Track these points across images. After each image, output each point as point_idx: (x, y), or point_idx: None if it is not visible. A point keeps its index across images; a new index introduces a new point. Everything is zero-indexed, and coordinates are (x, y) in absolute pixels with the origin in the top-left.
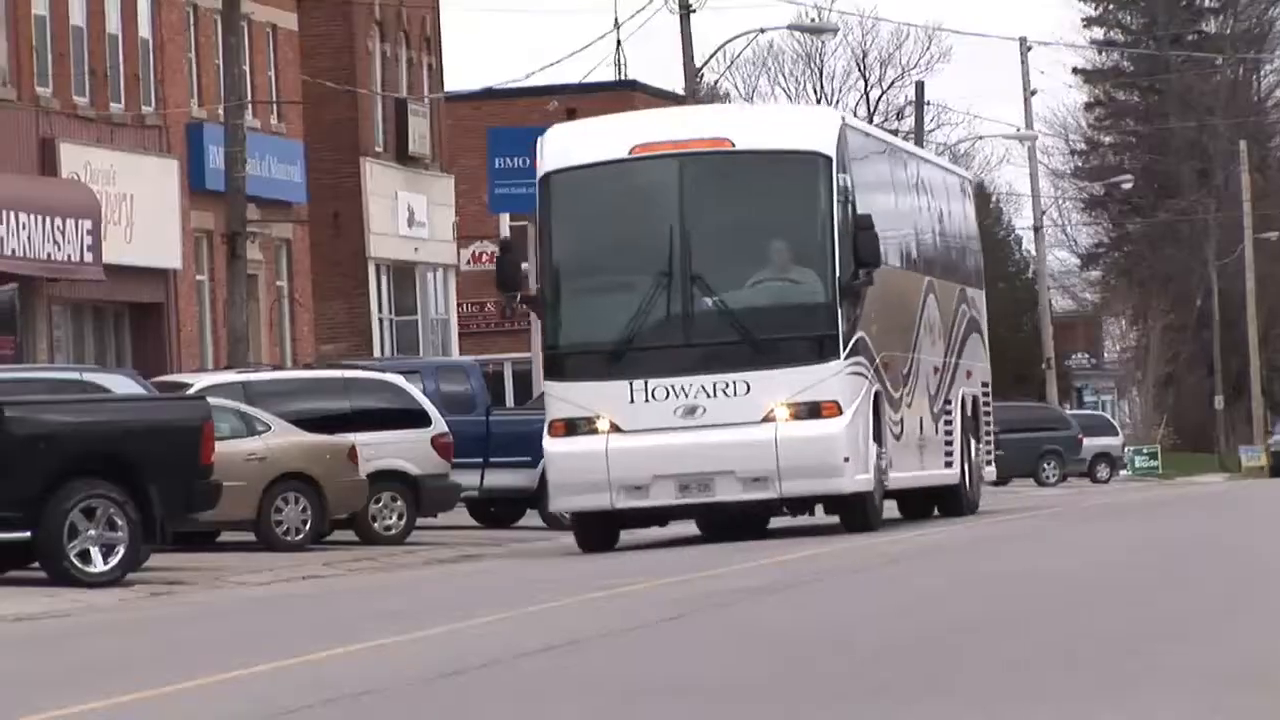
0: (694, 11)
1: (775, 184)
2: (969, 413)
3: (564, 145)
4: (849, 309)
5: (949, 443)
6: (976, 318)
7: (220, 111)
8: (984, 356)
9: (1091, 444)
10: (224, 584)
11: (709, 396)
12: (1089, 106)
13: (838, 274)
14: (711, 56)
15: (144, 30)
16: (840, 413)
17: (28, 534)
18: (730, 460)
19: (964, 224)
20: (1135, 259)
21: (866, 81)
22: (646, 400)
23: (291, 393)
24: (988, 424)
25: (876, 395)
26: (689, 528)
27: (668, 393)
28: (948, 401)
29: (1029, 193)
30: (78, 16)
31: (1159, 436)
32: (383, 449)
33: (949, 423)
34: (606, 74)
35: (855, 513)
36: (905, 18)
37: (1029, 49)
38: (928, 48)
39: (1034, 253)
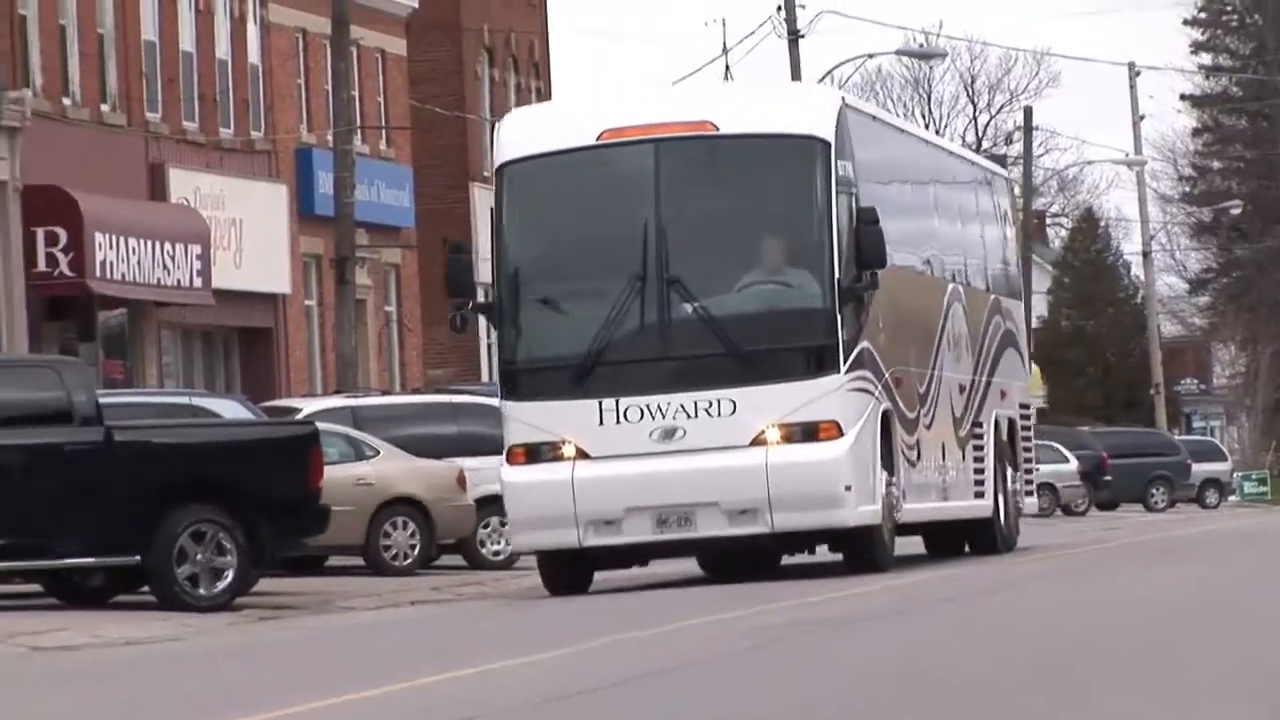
0: (802, 37)
1: (765, 173)
2: (1004, 437)
3: (523, 132)
4: (851, 316)
5: (979, 471)
6: (1014, 331)
7: (329, 137)
8: (1023, 375)
9: (1200, 469)
10: (332, 609)
11: (689, 417)
12: (1197, 132)
13: (837, 276)
14: (820, 80)
15: (253, 56)
16: (841, 434)
17: (137, 558)
18: (714, 490)
19: (999, 226)
20: (1244, 284)
21: (975, 107)
22: (618, 422)
23: (400, 418)
24: (1028, 450)
25: (886, 415)
26: (686, 566)
27: (642, 413)
28: (977, 424)
29: (1137, 218)
30: (187, 42)
31: (1268, 462)
32: (491, 474)
33: (979, 448)
34: None
35: (860, 550)
36: (1014, 43)
37: (1138, 74)
38: (1036, 73)
39: (1143, 278)
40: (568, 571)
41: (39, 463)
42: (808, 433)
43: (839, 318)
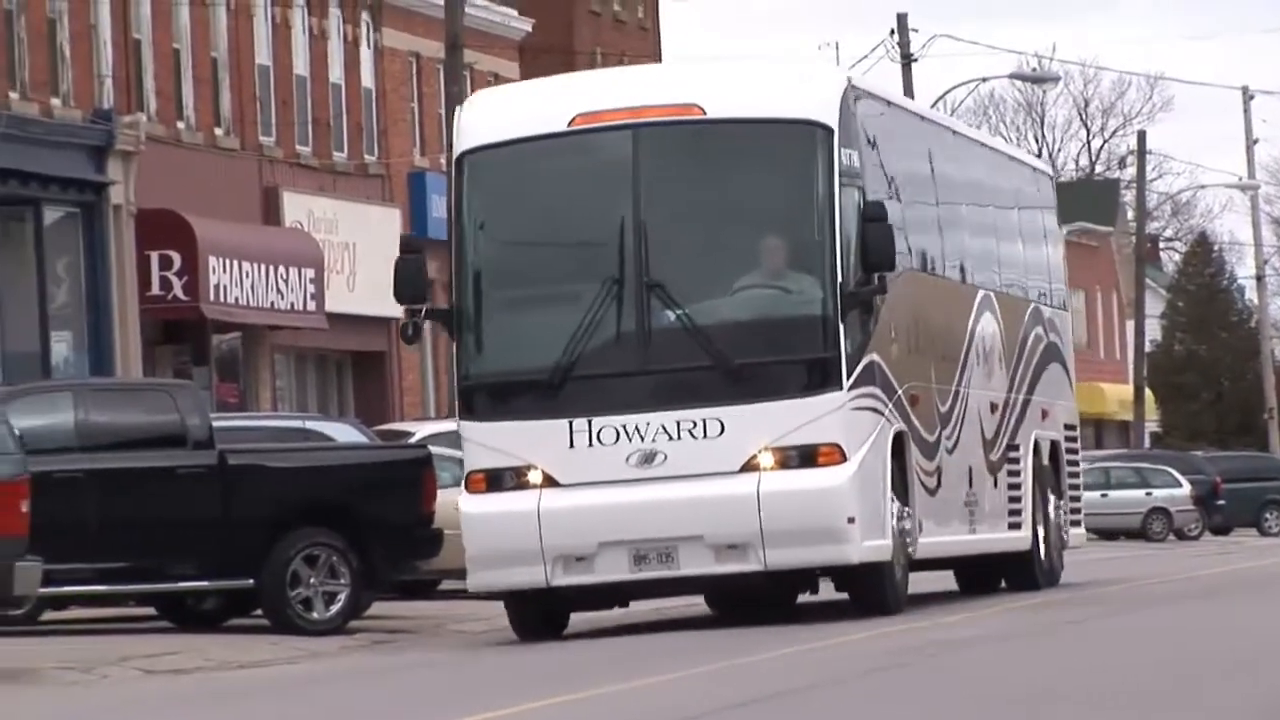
0: (915, 60)
1: (758, 162)
2: (1045, 461)
3: (486, 116)
4: (855, 325)
5: (1015, 499)
6: (1058, 344)
7: (442, 160)
8: (1068, 392)
9: None
10: (445, 633)
11: (671, 439)
12: None
13: (839, 280)
14: (933, 105)
15: (366, 80)
16: (843, 459)
17: (250, 582)
18: (699, 522)
19: (1042, 229)
20: None
21: (1088, 131)
22: (590, 444)
23: None
24: (1074, 475)
25: (899, 437)
26: (691, 604)
27: (618, 435)
28: (1012, 447)
29: (1251, 242)
30: (301, 66)
31: None
32: None
33: (1015, 474)
34: None
35: (867, 590)
36: (1127, 67)
37: (1251, 98)
38: (1149, 97)
39: (1256, 302)
40: (538, 614)
41: (153, 486)
42: (805, 457)
43: (841, 327)
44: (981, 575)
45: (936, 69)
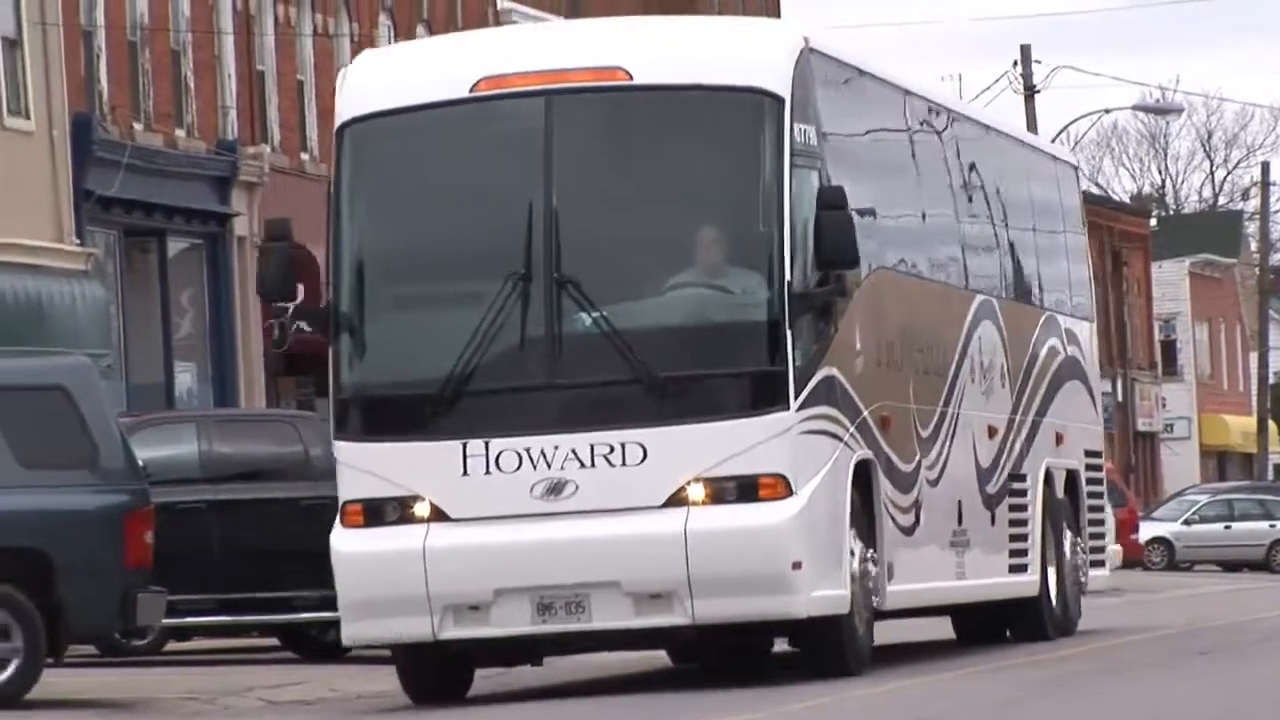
0: (1038, 92)
1: (694, 139)
2: (1059, 493)
3: (374, 80)
4: (807, 332)
5: (1019, 537)
6: (1078, 359)
7: None
8: (1091, 413)
9: None
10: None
11: (584, 467)
12: None
13: (788, 279)
14: (1056, 137)
15: None
16: (789, 492)
17: None
18: (615, 566)
19: (1062, 227)
20: None
21: (1211, 162)
22: (488, 472)
23: None
24: (1098, 509)
25: (863, 466)
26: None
27: (520, 460)
28: (1016, 478)
29: None
30: None
31: None
32: None
33: (1019, 508)
34: None
35: (820, 648)
36: (1250, 97)
37: None
38: (1274, 127)
39: None
40: (433, 671)
41: (277, 517)
42: (743, 490)
43: (789, 334)
44: (983, 623)
45: (1059, 101)
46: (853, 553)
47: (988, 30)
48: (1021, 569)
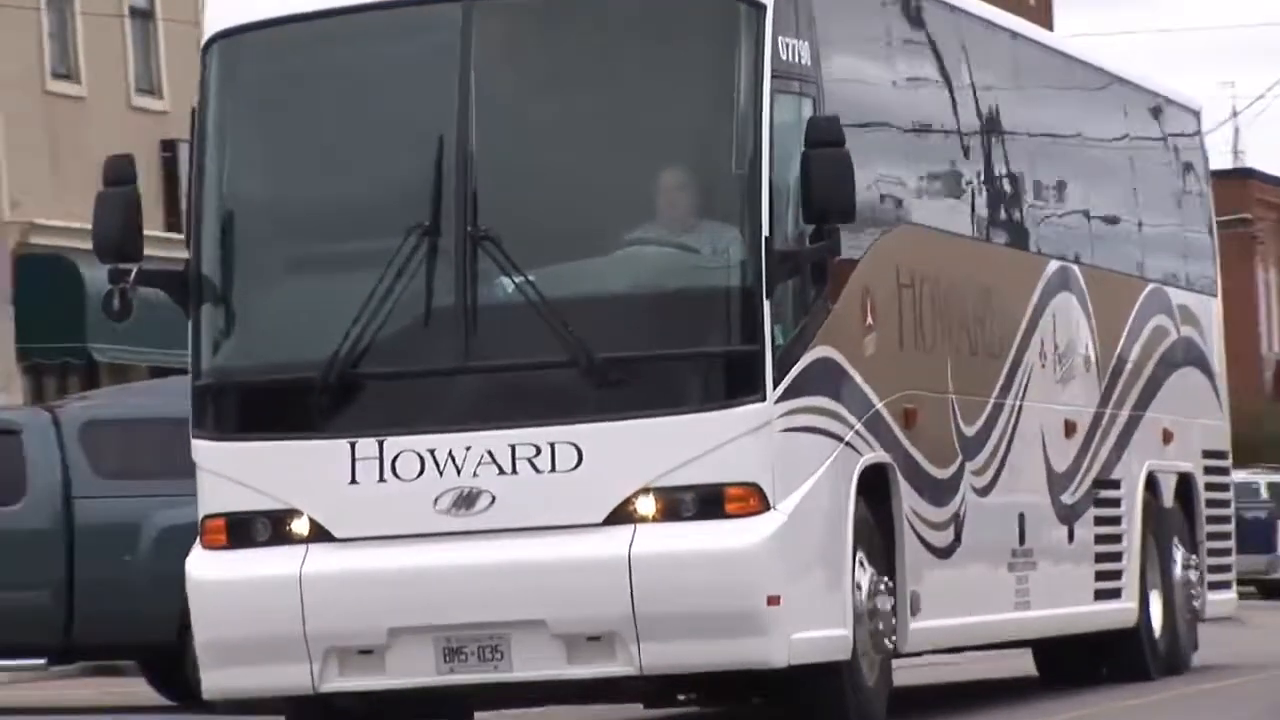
0: None
1: (652, 57)
2: (1167, 503)
3: None
4: (794, 302)
5: (1109, 556)
6: (1195, 341)
7: None
8: (1214, 407)
9: None
10: None
11: (503, 473)
12: None
13: (765, 232)
14: None
15: None
16: (764, 506)
17: None
18: (541, 600)
19: (1175, 181)
20: None
21: None
22: (381, 479)
23: None
24: (1219, 520)
25: (877, 472)
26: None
27: (422, 465)
28: (1105, 484)
29: None
30: None
31: None
32: None
33: (1109, 521)
34: (1222, 161)
35: (807, 705)
36: None
37: None
38: None
39: None
40: None
41: None
42: (705, 503)
43: (765, 304)
44: (1071, 659)
45: None
46: (859, 582)
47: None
48: (1113, 595)
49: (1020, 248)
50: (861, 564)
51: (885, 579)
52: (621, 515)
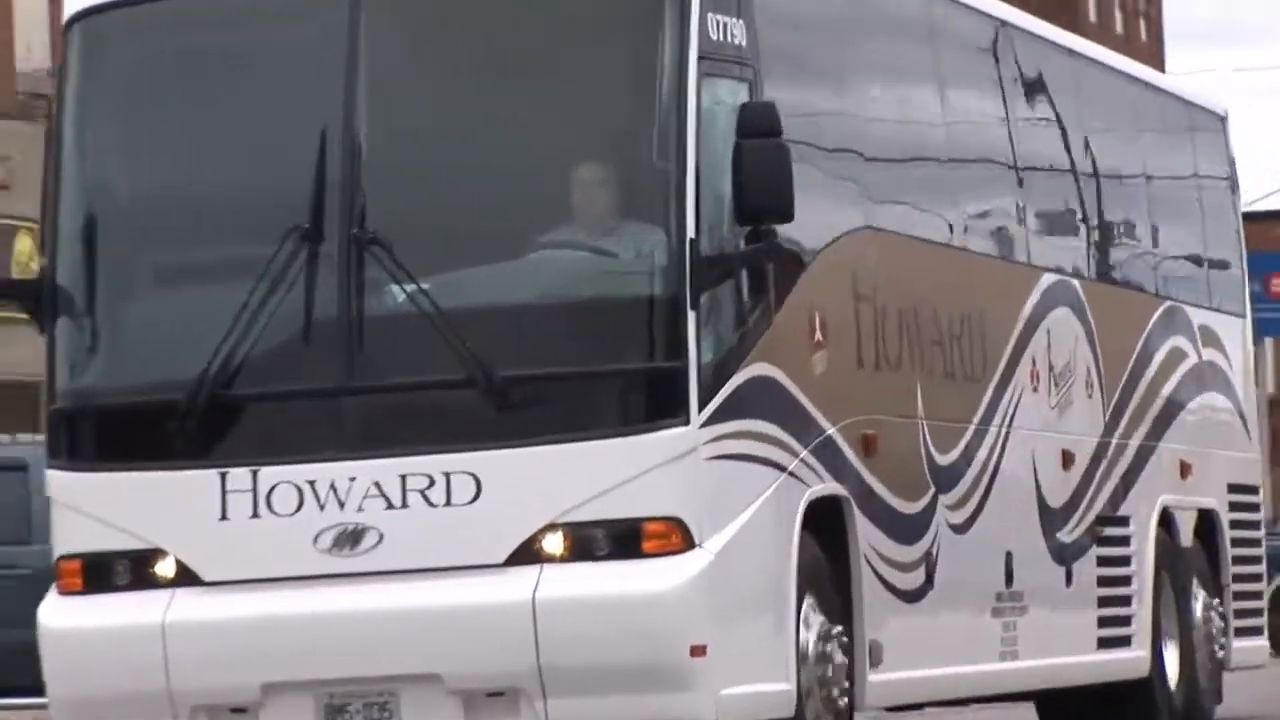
0: None
1: (564, 36)
2: (1185, 541)
3: None
4: (725, 312)
5: (1116, 600)
6: (1219, 364)
7: None
8: (1240, 437)
9: None
10: None
11: (391, 507)
12: None
13: (690, 233)
14: None
15: None
16: (687, 543)
17: None
18: (435, 652)
19: (1193, 194)
20: None
21: None
22: (256, 514)
23: None
24: (1247, 561)
25: (828, 506)
26: None
27: (300, 498)
28: (1111, 521)
29: None
30: None
31: None
32: None
33: (1116, 561)
34: None
35: None
36: None
37: None
38: None
39: None
40: None
41: None
42: (620, 541)
43: (690, 315)
44: (1078, 711)
45: None
46: (805, 630)
47: None
48: (1120, 642)
49: (1008, 258)
50: (813, 609)
51: (838, 627)
52: (525, 555)
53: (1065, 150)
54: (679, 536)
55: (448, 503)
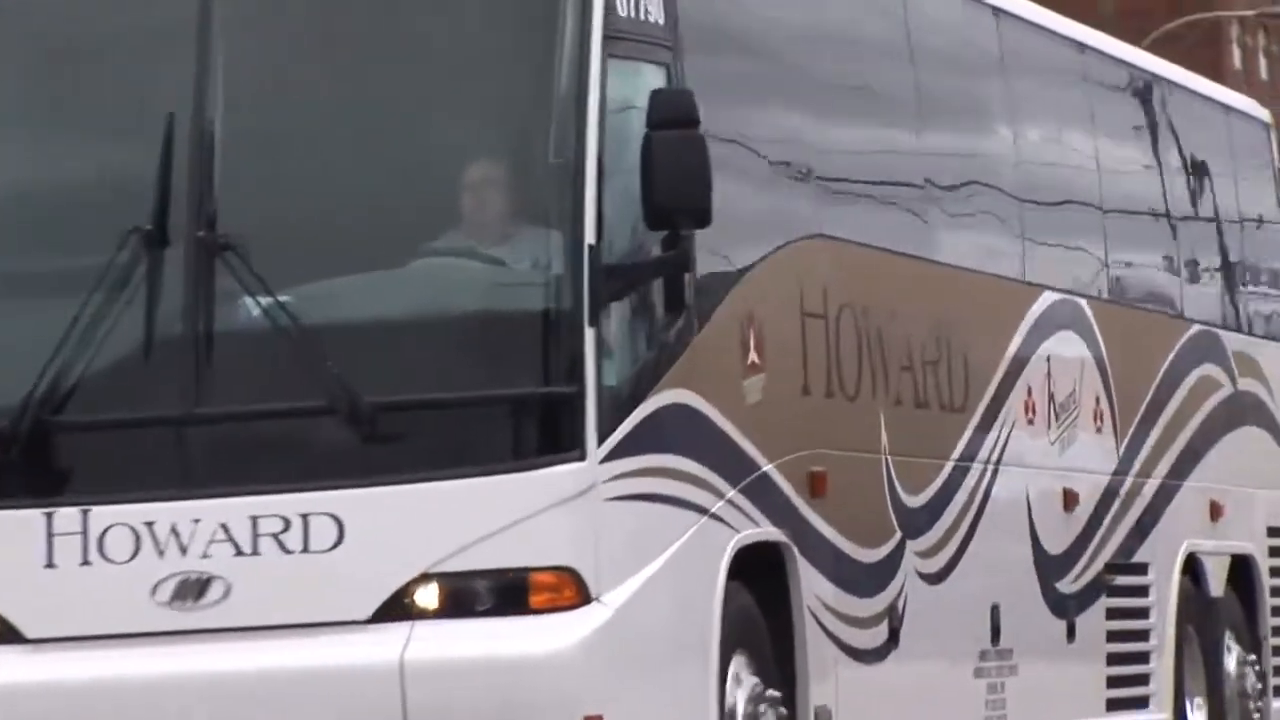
0: None
1: (449, 16)
2: (1214, 591)
3: None
4: (631, 330)
5: (1131, 657)
6: (1257, 395)
7: None
8: None
9: None
10: None
11: (240, 553)
12: None
13: (589, 239)
14: None
15: None
16: (581, 597)
17: None
18: None
19: (1229, 207)
20: None
21: None
22: (86, 560)
23: None
24: None
25: (765, 552)
26: None
27: (137, 542)
28: (1124, 568)
29: None
30: None
31: None
32: None
33: (1131, 613)
34: None
35: None
36: None
37: None
38: None
39: None
40: None
41: None
42: (504, 594)
43: (588, 333)
44: None
45: None
46: (733, 696)
47: None
48: (1136, 704)
49: (998, 273)
50: (741, 669)
51: (770, 691)
52: (394, 610)
53: (1070, 146)
54: (572, 589)
55: (305, 549)
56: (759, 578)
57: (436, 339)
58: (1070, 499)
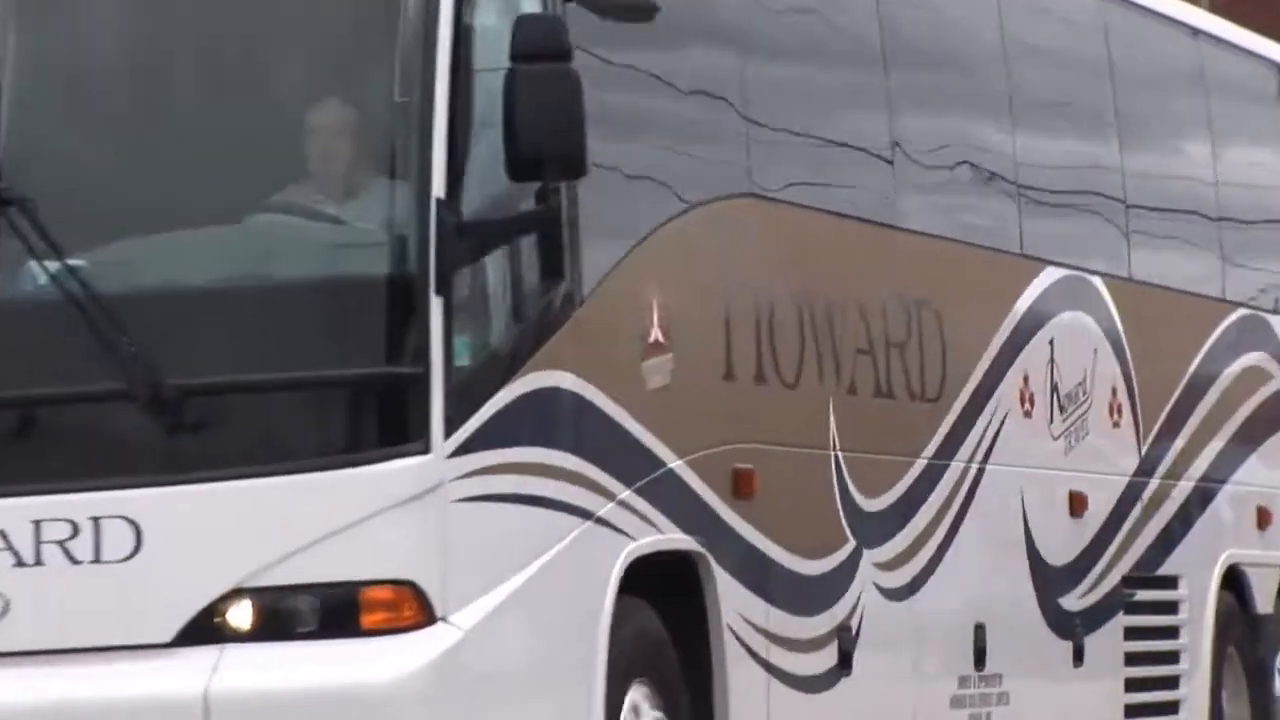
0: None
1: None
2: (1260, 608)
3: None
4: (491, 299)
5: (1155, 681)
6: None
7: None
8: None
9: None
10: None
11: (21, 563)
12: None
13: (438, 192)
14: None
15: None
16: (425, 618)
17: None
18: None
19: (1262, 171)
20: None
21: None
22: None
23: None
24: None
25: (670, 563)
26: None
27: None
28: (1145, 583)
29: None
30: None
31: None
32: None
33: (1158, 633)
34: None
35: None
36: None
37: None
38: None
39: None
40: None
41: None
42: (331, 613)
43: (433, 303)
44: None
45: None
46: None
47: None
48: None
49: (985, 244)
50: (640, 701)
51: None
52: (202, 631)
53: (1078, 92)
54: (412, 607)
55: (96, 559)
56: (670, 595)
57: (256, 309)
58: (1078, 503)
